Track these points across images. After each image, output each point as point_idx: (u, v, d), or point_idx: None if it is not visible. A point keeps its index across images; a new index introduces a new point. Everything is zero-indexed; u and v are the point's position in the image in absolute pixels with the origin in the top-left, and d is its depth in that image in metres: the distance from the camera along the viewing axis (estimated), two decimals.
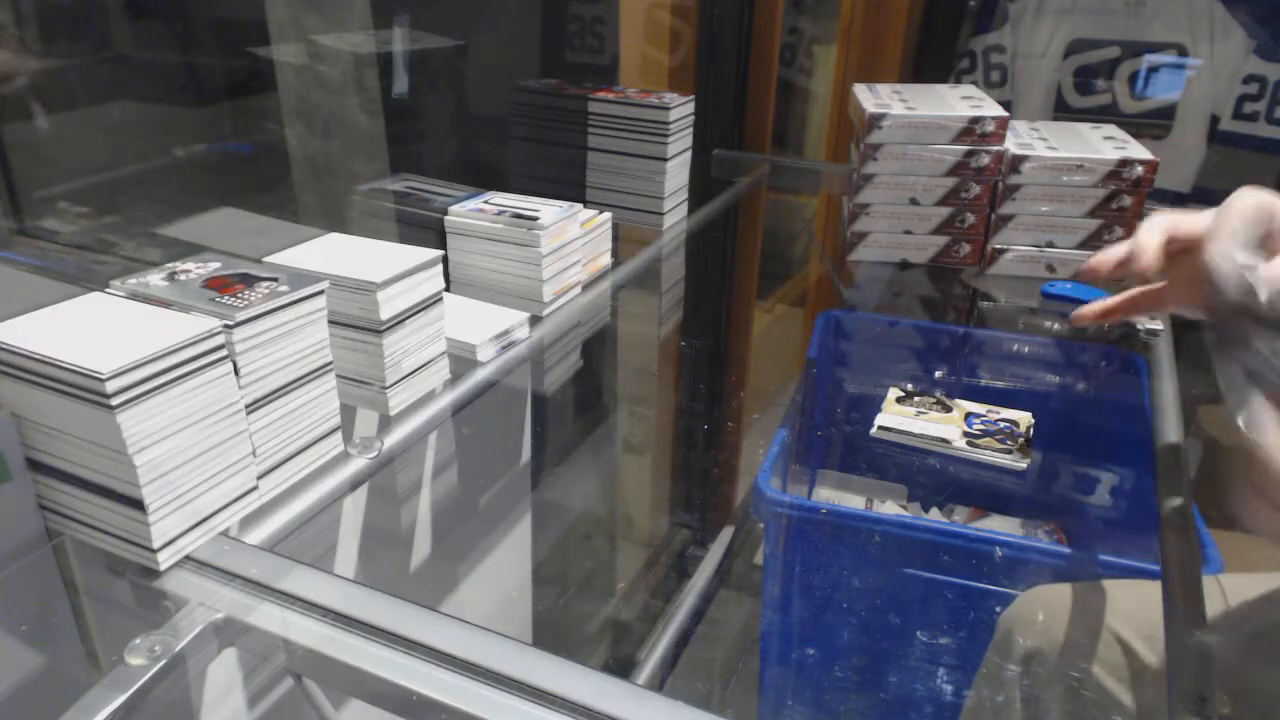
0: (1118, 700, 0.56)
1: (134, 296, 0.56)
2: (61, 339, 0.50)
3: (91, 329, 0.52)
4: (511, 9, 1.26)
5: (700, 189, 1.24)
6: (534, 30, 1.30)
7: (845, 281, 1.08)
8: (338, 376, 0.64)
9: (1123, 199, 1.01)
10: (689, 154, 1.17)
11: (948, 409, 0.94)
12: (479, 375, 0.75)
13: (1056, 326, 1.01)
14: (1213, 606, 0.57)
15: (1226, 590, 0.60)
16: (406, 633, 0.49)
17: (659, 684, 0.50)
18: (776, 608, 0.75)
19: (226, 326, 0.53)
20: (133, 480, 0.50)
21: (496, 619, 0.97)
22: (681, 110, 1.12)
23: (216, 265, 0.61)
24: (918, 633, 0.73)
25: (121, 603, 0.55)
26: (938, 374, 1.01)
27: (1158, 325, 0.95)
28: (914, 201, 1.04)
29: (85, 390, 0.48)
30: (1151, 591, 0.53)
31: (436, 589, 0.85)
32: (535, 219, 0.83)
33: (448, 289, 0.73)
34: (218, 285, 0.58)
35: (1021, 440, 0.90)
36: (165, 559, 0.53)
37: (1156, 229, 0.50)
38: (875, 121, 1.02)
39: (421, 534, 0.80)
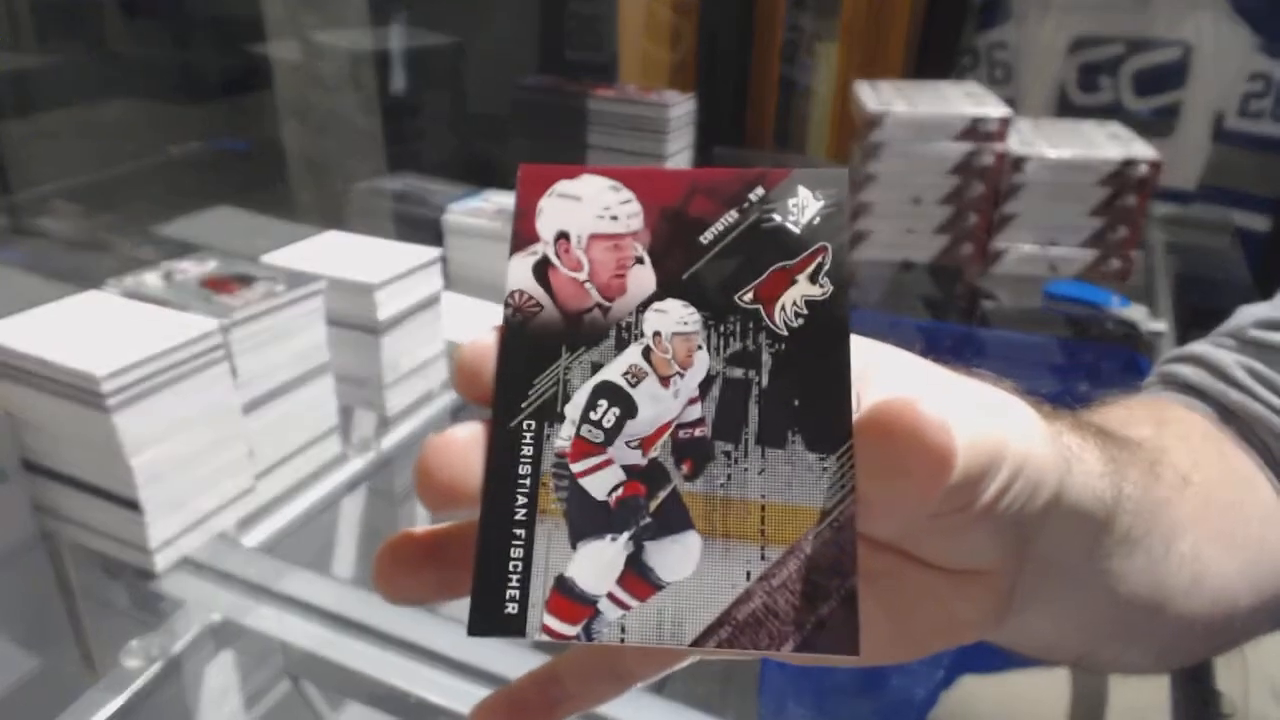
0: None
1: (130, 296, 0.56)
2: (57, 339, 0.50)
3: (87, 329, 0.52)
4: (510, 6, 1.25)
5: None
6: (533, 28, 1.30)
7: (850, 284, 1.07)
8: (335, 377, 0.63)
9: (1127, 198, 1.00)
10: (689, 152, 1.16)
11: None
12: None
13: (1059, 326, 1.00)
14: None
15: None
16: (404, 635, 0.49)
17: (659, 685, 0.49)
18: None
19: (223, 327, 0.53)
20: (129, 481, 0.50)
21: None
22: (682, 108, 1.11)
23: (213, 264, 0.60)
24: None
25: (118, 605, 0.55)
26: None
27: (1160, 325, 0.94)
28: (916, 200, 1.04)
29: (81, 391, 0.48)
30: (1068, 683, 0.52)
31: None
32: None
33: (446, 288, 0.73)
34: (214, 285, 0.57)
35: None
36: (162, 561, 0.52)
37: None
38: (877, 120, 1.01)
39: None
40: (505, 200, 0.87)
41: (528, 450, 0.16)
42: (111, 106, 0.79)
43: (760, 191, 0.18)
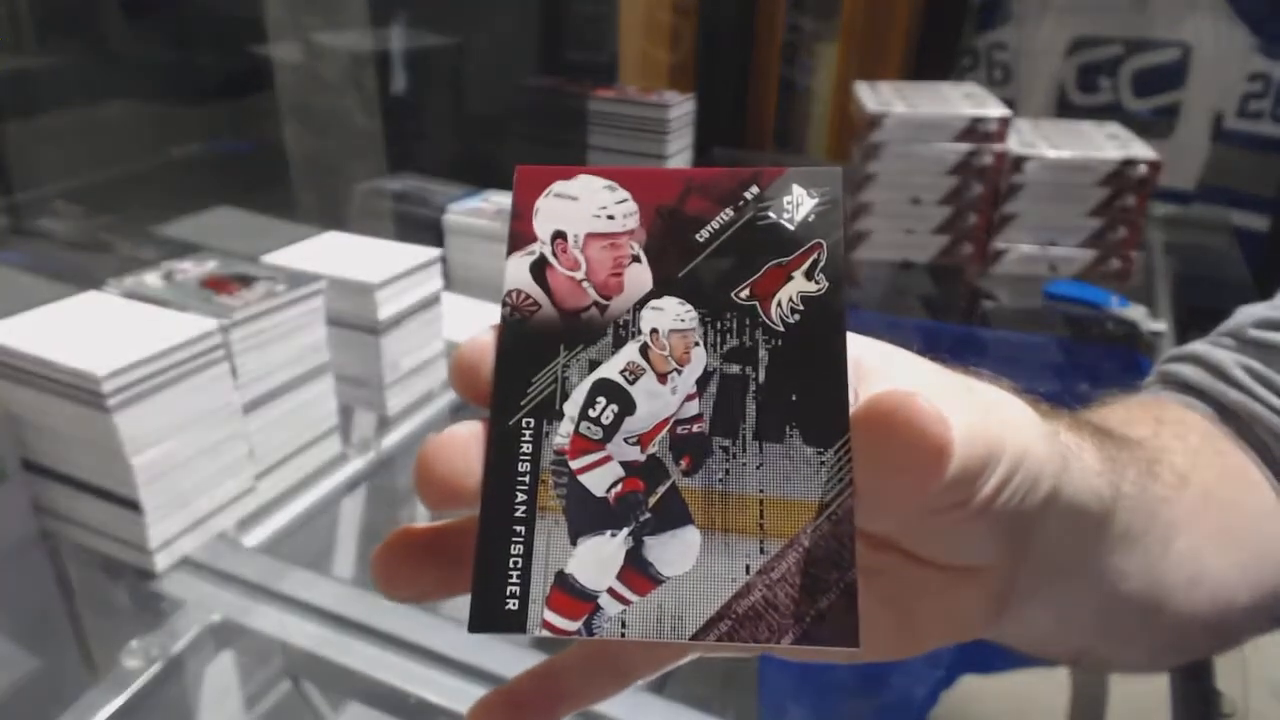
0: None
1: (131, 296, 0.56)
2: (57, 339, 0.50)
3: (88, 329, 0.52)
4: (510, 6, 1.25)
5: None
6: (533, 28, 1.30)
7: (847, 281, 1.07)
8: (335, 377, 0.63)
9: (1126, 198, 1.00)
10: (689, 152, 1.16)
11: None
12: None
13: (1059, 326, 1.00)
14: None
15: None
16: (404, 635, 0.49)
17: (659, 685, 0.49)
18: None
19: (223, 326, 0.53)
20: (129, 481, 0.50)
21: None
22: (681, 109, 1.11)
23: (213, 264, 0.60)
24: None
25: (118, 605, 0.55)
26: None
27: (1160, 325, 0.94)
28: (916, 201, 1.04)
29: (81, 391, 0.48)
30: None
31: None
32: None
33: (446, 288, 0.73)
34: (215, 285, 0.57)
35: None
36: (162, 561, 0.52)
37: None
38: (877, 120, 1.01)
39: None
40: (505, 200, 0.87)
41: (527, 447, 0.16)
42: (112, 107, 0.79)
43: (755, 190, 0.18)
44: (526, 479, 0.16)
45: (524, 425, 0.16)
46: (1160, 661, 0.36)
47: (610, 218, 0.18)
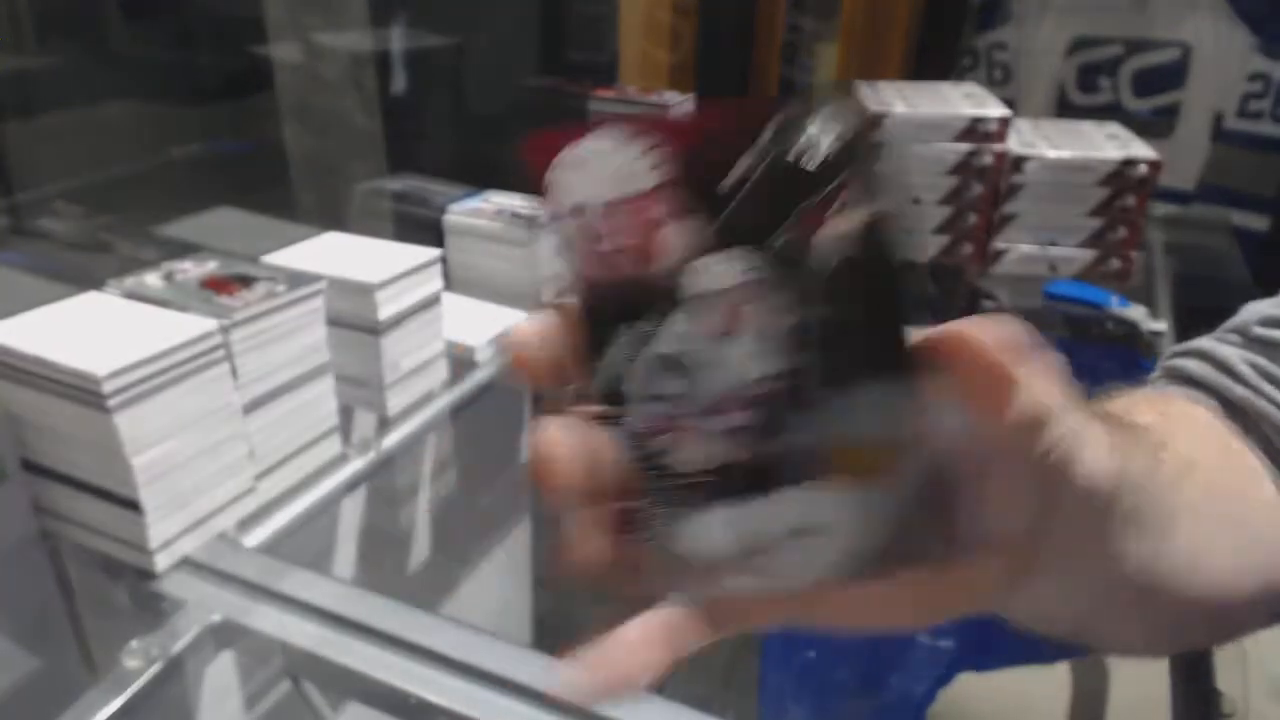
0: None
1: (131, 296, 0.56)
2: (58, 339, 0.50)
3: (88, 329, 0.52)
4: (510, 6, 1.25)
5: None
6: (533, 28, 1.30)
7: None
8: (335, 377, 0.63)
9: (1126, 198, 1.00)
10: None
11: None
12: (478, 376, 0.74)
13: (1059, 326, 1.00)
14: None
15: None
16: (405, 635, 0.49)
17: (659, 686, 0.49)
18: None
19: (224, 327, 0.53)
20: (130, 482, 0.50)
21: (496, 621, 0.96)
22: (681, 108, 1.11)
23: (214, 265, 0.60)
24: (918, 635, 0.72)
25: (118, 605, 0.55)
26: None
27: (1160, 325, 0.94)
28: (915, 201, 1.04)
29: (82, 391, 0.48)
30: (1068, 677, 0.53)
31: (435, 591, 0.85)
32: (534, 218, 0.83)
33: (446, 289, 0.73)
34: (215, 285, 0.57)
35: None
36: (162, 561, 0.52)
37: None
38: (877, 120, 1.01)
39: (420, 536, 0.80)
40: (505, 200, 0.87)
41: (607, 436, 0.16)
42: (112, 107, 0.79)
43: (771, 132, 0.17)
44: (617, 468, 0.16)
45: (597, 415, 0.16)
46: (1157, 646, 0.36)
47: (628, 179, 0.17)
